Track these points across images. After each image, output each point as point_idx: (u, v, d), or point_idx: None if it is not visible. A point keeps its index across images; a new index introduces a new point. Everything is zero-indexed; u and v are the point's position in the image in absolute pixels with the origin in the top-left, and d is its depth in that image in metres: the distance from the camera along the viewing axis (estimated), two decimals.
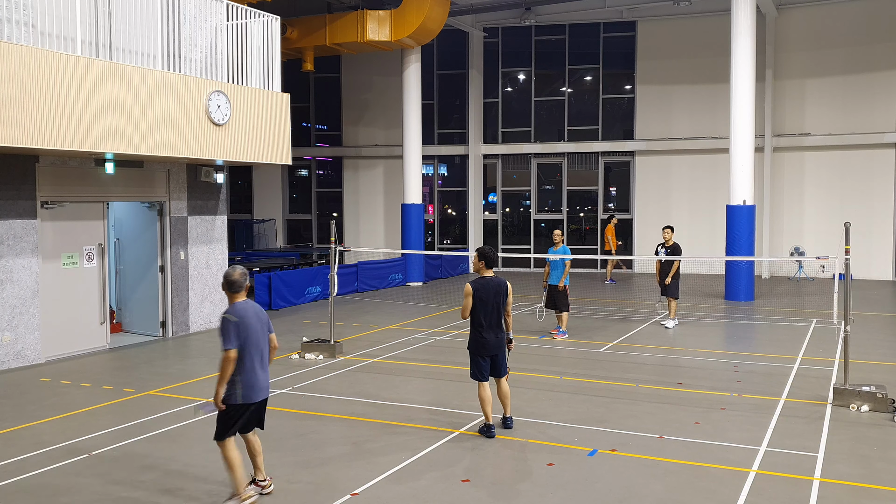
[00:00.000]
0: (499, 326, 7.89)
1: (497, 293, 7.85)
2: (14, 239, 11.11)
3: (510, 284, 8.02)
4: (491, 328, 7.83)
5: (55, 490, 6.50)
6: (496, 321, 7.85)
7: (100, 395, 9.60)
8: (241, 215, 28.07)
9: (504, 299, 7.90)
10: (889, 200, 22.14)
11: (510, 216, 26.64)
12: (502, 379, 8.05)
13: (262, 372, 6.09)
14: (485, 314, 7.79)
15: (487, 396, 7.87)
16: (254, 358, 6.00)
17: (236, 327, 5.89)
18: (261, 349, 6.07)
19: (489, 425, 7.86)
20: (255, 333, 6.00)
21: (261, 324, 6.09)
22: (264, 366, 6.13)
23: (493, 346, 7.85)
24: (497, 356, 7.92)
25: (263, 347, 6.11)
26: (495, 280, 7.90)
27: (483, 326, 7.82)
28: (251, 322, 5.98)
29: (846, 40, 22.42)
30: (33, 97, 9.56)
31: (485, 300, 7.79)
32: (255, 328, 6.01)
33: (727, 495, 6.33)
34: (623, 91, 25.26)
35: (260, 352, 6.06)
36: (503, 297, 7.89)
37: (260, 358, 6.06)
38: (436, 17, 20.18)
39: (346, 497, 6.33)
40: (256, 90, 13.19)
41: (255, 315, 6.05)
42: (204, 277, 14.28)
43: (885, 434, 7.93)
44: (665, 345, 12.76)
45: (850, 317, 9.13)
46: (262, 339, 6.08)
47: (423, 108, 22.77)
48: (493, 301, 7.81)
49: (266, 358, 6.16)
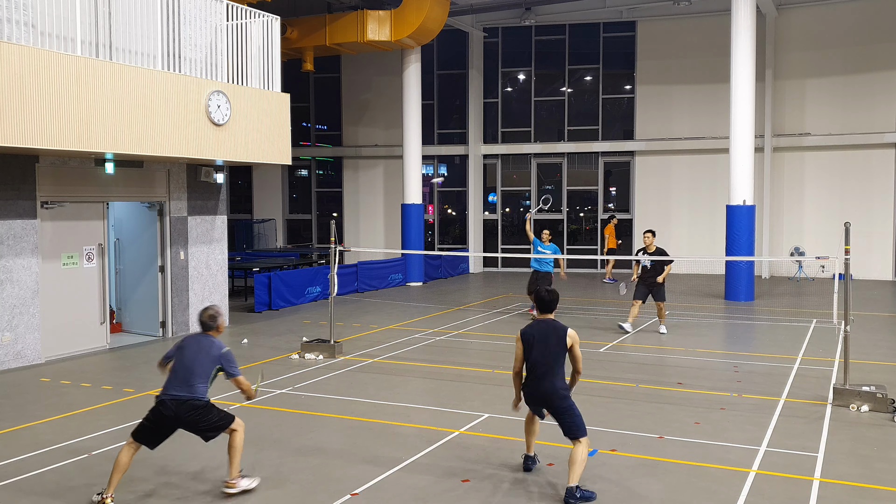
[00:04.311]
0: (551, 377, 6.51)
1: (549, 337, 6.53)
2: (14, 239, 11.11)
3: (573, 331, 6.60)
4: (538, 379, 6.55)
5: (55, 490, 6.50)
6: (546, 371, 6.52)
7: (100, 395, 9.60)
8: (241, 215, 28.07)
9: (558, 346, 6.52)
10: (889, 200, 22.15)
11: (510, 216, 26.65)
12: (576, 442, 6.40)
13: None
14: (532, 362, 6.56)
15: (528, 425, 6.91)
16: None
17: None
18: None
19: (528, 456, 6.95)
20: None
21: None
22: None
23: (540, 398, 6.59)
24: (553, 411, 6.56)
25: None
26: (552, 324, 6.62)
27: (530, 375, 6.64)
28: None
29: (846, 40, 22.43)
30: (33, 97, 9.56)
31: (533, 347, 6.55)
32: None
33: (727, 495, 6.33)
34: (623, 91, 25.27)
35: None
36: (556, 343, 6.52)
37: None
38: (436, 17, 20.18)
39: (346, 497, 6.33)
40: (256, 90, 13.19)
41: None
42: (204, 277, 14.28)
43: (885, 434, 7.93)
44: (665, 345, 12.76)
45: (850, 317, 9.13)
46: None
47: (423, 108, 22.77)
48: (541, 348, 6.52)
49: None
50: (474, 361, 11.70)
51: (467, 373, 10.85)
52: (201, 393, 6.16)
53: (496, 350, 12.43)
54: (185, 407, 6.09)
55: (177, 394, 6.12)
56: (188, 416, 6.12)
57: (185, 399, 6.10)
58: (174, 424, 6.17)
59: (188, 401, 6.10)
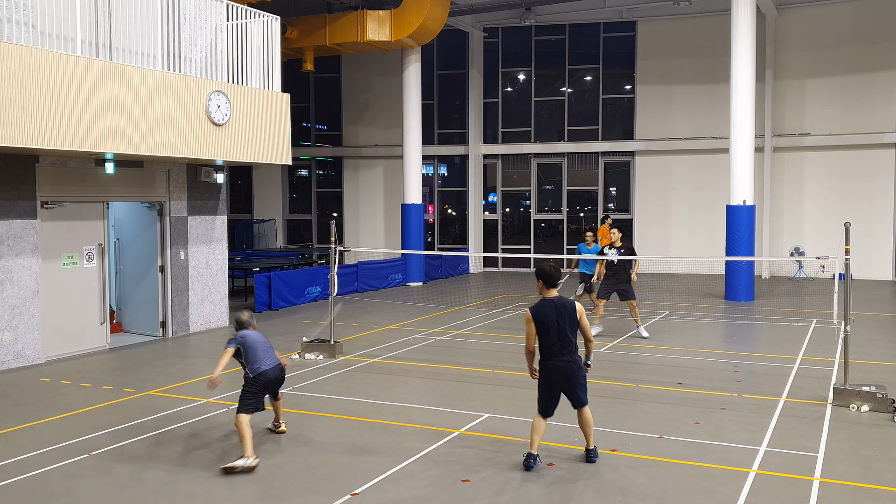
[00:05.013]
0: (568, 352, 6.85)
1: (561, 315, 6.82)
2: (14, 239, 11.11)
3: (579, 303, 6.98)
4: (555, 355, 6.85)
5: (54, 490, 6.50)
6: (563, 347, 6.83)
7: (100, 395, 9.60)
8: (241, 215, 28.07)
9: (570, 321, 6.84)
10: (889, 200, 22.15)
11: (510, 216, 26.65)
12: (583, 409, 7.05)
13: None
14: (548, 340, 6.83)
15: (540, 428, 6.98)
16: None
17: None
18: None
19: (531, 454, 6.94)
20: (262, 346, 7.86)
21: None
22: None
23: (563, 374, 6.87)
24: (570, 387, 6.94)
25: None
26: (559, 301, 6.89)
27: (549, 355, 6.89)
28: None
29: (846, 40, 22.43)
30: (33, 97, 9.56)
31: (546, 325, 6.81)
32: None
33: (727, 495, 6.33)
34: (623, 91, 25.26)
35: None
36: (568, 318, 6.83)
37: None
38: (436, 17, 20.18)
39: (346, 497, 6.33)
40: (256, 90, 13.19)
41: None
42: (204, 277, 14.28)
43: (885, 434, 7.92)
44: (665, 345, 12.76)
45: (850, 317, 9.13)
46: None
47: (423, 108, 22.77)
48: (555, 325, 6.81)
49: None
50: (474, 361, 11.70)
51: (467, 373, 10.85)
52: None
53: (496, 350, 12.43)
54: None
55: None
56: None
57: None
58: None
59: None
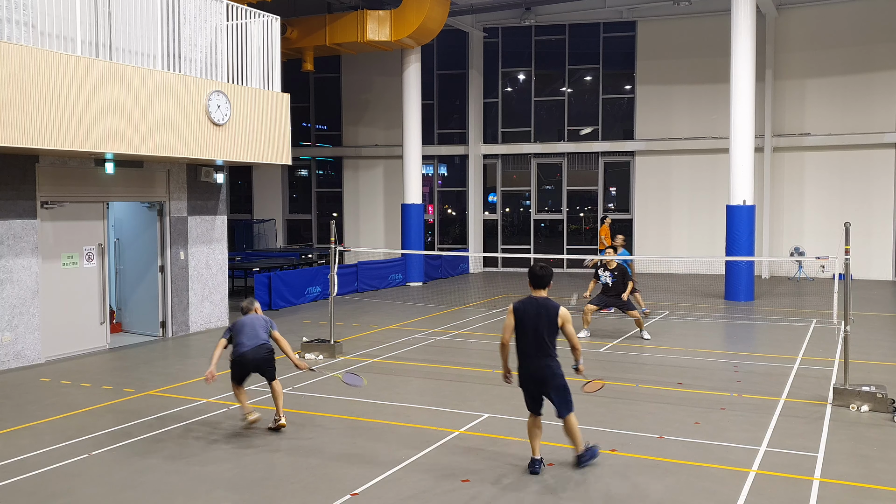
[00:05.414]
0: (542, 356, 6.74)
1: (539, 315, 6.71)
2: (14, 239, 11.11)
3: (565, 310, 6.79)
4: (529, 357, 6.77)
5: (54, 490, 6.50)
6: (537, 349, 6.73)
7: (100, 395, 9.60)
8: (241, 215, 28.07)
9: (549, 325, 6.70)
10: (889, 200, 22.15)
11: (510, 216, 26.65)
12: (566, 418, 6.84)
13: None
14: (524, 340, 6.77)
15: (531, 429, 6.93)
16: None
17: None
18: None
19: (534, 459, 6.86)
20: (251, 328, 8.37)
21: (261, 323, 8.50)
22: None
23: (533, 378, 6.79)
24: (545, 392, 6.81)
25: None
26: (543, 301, 6.79)
27: (522, 356, 6.83)
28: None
29: (846, 40, 22.43)
30: (33, 97, 9.56)
31: (524, 323, 6.75)
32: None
33: (727, 495, 6.33)
34: (623, 91, 25.26)
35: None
36: (548, 321, 6.70)
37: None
38: (436, 17, 20.18)
39: (346, 497, 6.33)
40: (256, 90, 13.19)
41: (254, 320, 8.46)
42: (204, 277, 14.28)
43: (885, 434, 7.93)
44: (665, 345, 12.76)
45: (850, 317, 9.14)
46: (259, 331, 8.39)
47: (423, 108, 22.77)
48: (532, 325, 6.71)
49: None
50: (474, 361, 11.70)
51: (467, 373, 10.85)
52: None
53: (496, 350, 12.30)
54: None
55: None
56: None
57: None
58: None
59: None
